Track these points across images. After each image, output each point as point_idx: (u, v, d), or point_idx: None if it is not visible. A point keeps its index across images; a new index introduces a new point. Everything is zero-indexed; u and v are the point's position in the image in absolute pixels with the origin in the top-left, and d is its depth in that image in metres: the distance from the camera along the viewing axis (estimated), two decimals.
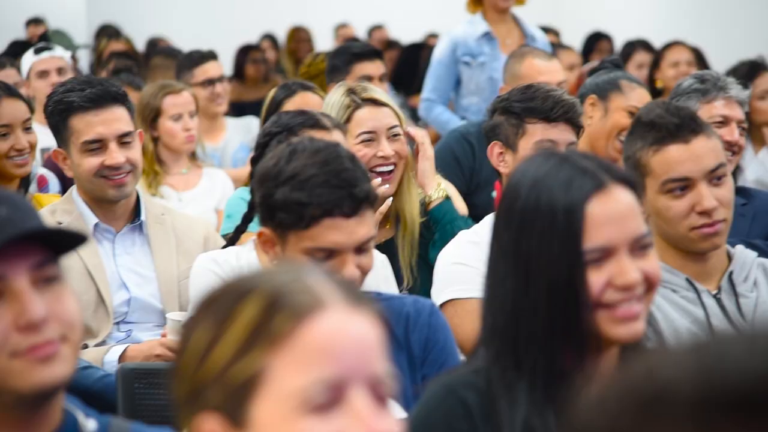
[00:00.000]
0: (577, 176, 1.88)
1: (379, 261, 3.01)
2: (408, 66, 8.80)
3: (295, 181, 2.31)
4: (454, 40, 5.76)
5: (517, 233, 1.89)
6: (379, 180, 3.36)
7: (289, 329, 1.33)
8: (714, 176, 2.61)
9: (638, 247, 1.88)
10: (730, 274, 2.66)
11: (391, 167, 3.45)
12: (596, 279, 1.86)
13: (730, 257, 2.68)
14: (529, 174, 1.92)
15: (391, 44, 10.30)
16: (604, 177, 1.88)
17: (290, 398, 1.31)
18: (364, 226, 2.34)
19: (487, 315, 1.93)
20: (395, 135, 3.46)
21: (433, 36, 9.76)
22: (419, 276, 3.43)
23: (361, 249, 2.35)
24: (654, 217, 2.64)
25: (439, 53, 5.81)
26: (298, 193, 2.31)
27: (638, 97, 4.32)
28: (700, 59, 7.33)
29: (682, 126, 2.60)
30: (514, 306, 1.89)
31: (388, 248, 3.43)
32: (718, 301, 2.64)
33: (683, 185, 2.60)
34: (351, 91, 3.47)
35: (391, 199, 3.41)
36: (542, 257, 1.86)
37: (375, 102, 3.46)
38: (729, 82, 3.74)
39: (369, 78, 4.93)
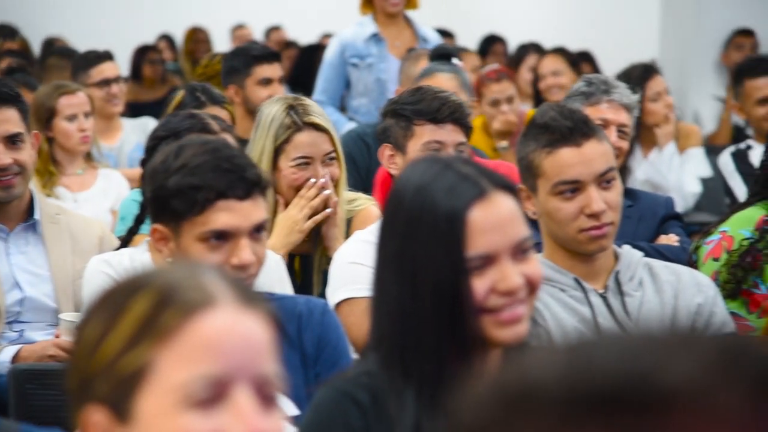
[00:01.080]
0: (459, 183, 1.91)
1: (274, 261, 3.02)
2: (305, 67, 8.82)
3: (186, 168, 2.33)
4: (342, 42, 5.79)
5: (401, 240, 1.92)
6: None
7: (177, 324, 1.34)
8: (604, 179, 2.64)
9: (519, 251, 1.92)
10: (617, 273, 2.69)
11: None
12: (480, 285, 1.89)
13: (616, 257, 2.72)
14: (412, 180, 1.95)
15: (288, 45, 10.31)
16: (484, 184, 1.91)
17: (173, 393, 1.32)
18: (258, 209, 2.36)
19: (374, 321, 1.96)
20: (331, 159, 3.46)
21: (329, 36, 9.79)
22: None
23: (255, 234, 2.36)
24: (544, 218, 2.67)
25: (328, 55, 5.83)
26: (189, 178, 2.32)
27: None
28: (589, 62, 7.45)
29: (575, 129, 2.63)
30: (399, 312, 1.91)
31: (307, 261, 3.47)
32: (605, 300, 2.67)
33: (573, 188, 2.63)
34: (292, 110, 3.44)
35: (330, 210, 3.44)
36: (426, 264, 1.89)
37: (316, 127, 3.44)
38: (615, 85, 3.81)
39: (268, 80, 4.94)
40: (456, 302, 1.88)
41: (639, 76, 5.56)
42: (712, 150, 5.98)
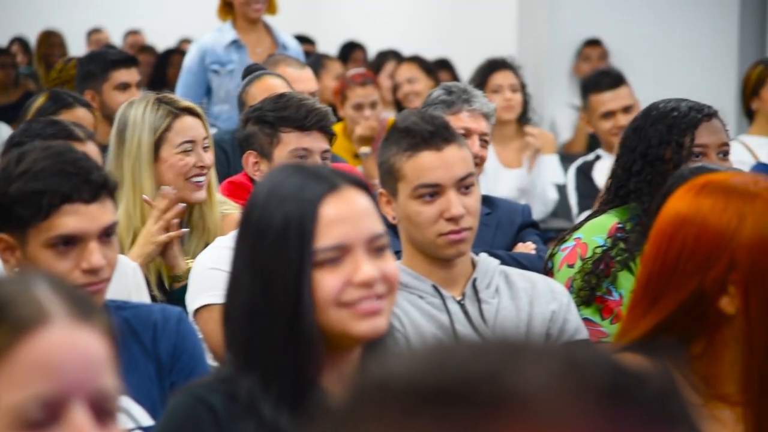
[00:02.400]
0: (310, 181, 1.93)
1: (131, 269, 2.98)
2: (163, 72, 8.74)
3: (28, 174, 2.28)
4: (202, 49, 5.74)
5: (254, 240, 1.93)
6: (183, 205, 3.37)
7: (8, 343, 1.31)
8: (463, 185, 2.68)
9: (374, 248, 1.93)
10: (474, 281, 2.72)
11: (203, 177, 3.46)
12: (334, 278, 1.90)
13: (474, 265, 2.75)
14: (265, 185, 1.96)
15: (145, 49, 10.20)
16: (337, 180, 1.93)
17: (5, 415, 1.29)
18: (106, 212, 2.32)
19: (227, 325, 1.95)
20: (206, 146, 3.49)
21: (187, 41, 9.72)
22: None
23: (105, 238, 2.32)
24: (405, 222, 2.70)
25: (188, 61, 5.78)
26: (33, 183, 2.27)
27: None
28: (447, 69, 7.52)
29: (436, 134, 2.66)
30: (251, 313, 1.91)
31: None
32: (462, 306, 2.70)
33: (433, 191, 2.66)
34: (161, 101, 3.44)
35: (186, 230, 3.41)
36: (277, 264, 1.90)
37: (191, 111, 3.47)
38: (475, 94, 3.84)
39: (126, 85, 4.88)
40: (307, 299, 1.89)
41: (483, 68, 5.66)
42: (568, 158, 6.09)
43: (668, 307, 2.02)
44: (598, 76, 5.44)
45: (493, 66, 5.74)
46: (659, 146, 3.16)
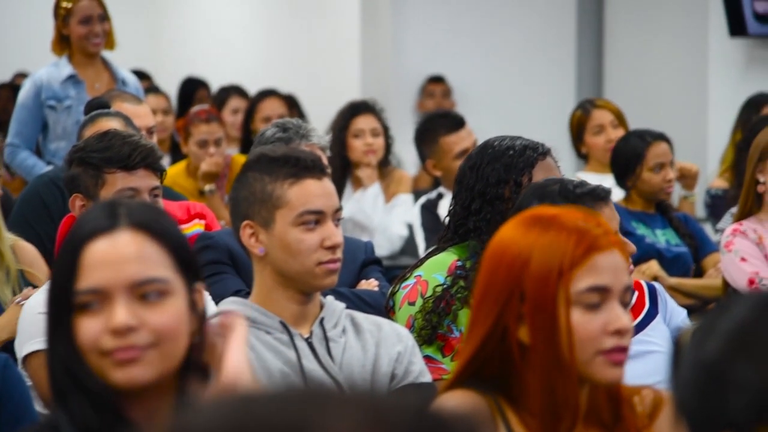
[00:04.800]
0: (90, 220, 1.88)
1: None
2: None
3: None
4: (37, 84, 5.61)
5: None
6: None
7: None
8: (336, 217, 2.71)
9: (140, 295, 1.85)
10: (322, 320, 2.73)
11: None
12: (92, 324, 1.84)
13: (321, 305, 2.76)
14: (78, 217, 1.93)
15: None
16: (118, 221, 1.87)
17: None
18: None
19: (48, 371, 1.89)
20: None
21: (22, 76, 9.52)
22: None
23: None
24: (278, 251, 2.67)
25: (23, 97, 5.65)
26: None
27: None
28: (293, 106, 7.52)
29: (316, 164, 2.69)
30: (55, 358, 1.87)
31: None
32: (310, 345, 2.71)
33: (317, 219, 2.67)
34: None
35: None
36: (50, 305, 1.87)
37: None
38: (310, 129, 3.84)
39: None
40: (69, 340, 1.84)
41: (345, 111, 5.67)
42: (415, 194, 6.13)
43: (476, 340, 2.04)
44: (442, 119, 5.48)
45: (355, 110, 5.76)
46: (498, 185, 3.19)
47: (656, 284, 3.12)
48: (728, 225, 4.44)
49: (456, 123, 5.39)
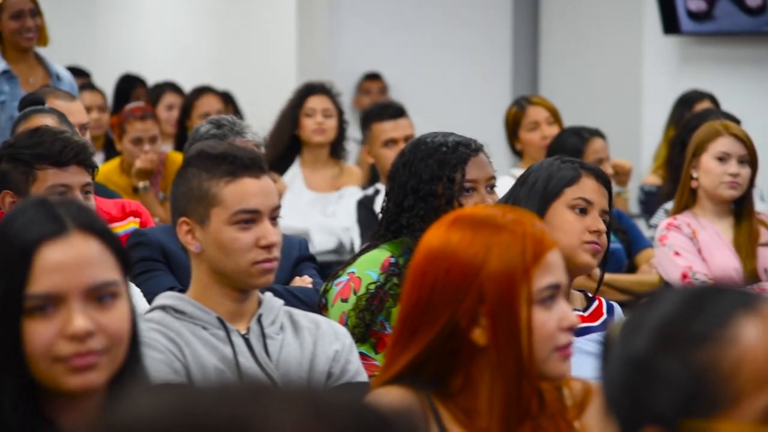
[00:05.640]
0: (38, 219, 1.85)
1: None
2: None
3: None
4: None
5: None
6: None
7: None
8: (273, 215, 2.69)
9: (96, 298, 1.84)
10: (259, 317, 2.72)
11: None
12: (45, 330, 1.81)
13: (259, 302, 2.75)
14: (7, 217, 1.89)
15: None
16: (66, 223, 1.84)
17: None
18: None
19: None
20: None
21: None
22: None
23: None
24: (214, 249, 2.65)
25: None
26: None
27: None
28: (229, 103, 7.49)
29: (254, 162, 2.67)
30: None
31: None
32: (247, 341, 2.69)
33: (252, 218, 2.65)
34: None
35: None
36: None
37: None
38: (244, 125, 3.83)
39: None
40: (13, 346, 1.81)
41: (300, 91, 5.71)
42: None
43: (424, 340, 2.04)
44: (380, 107, 5.52)
45: (310, 89, 5.79)
46: (431, 182, 3.20)
47: (614, 303, 3.16)
48: (661, 221, 4.48)
49: (392, 112, 5.42)
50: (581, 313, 3.07)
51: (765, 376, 1.31)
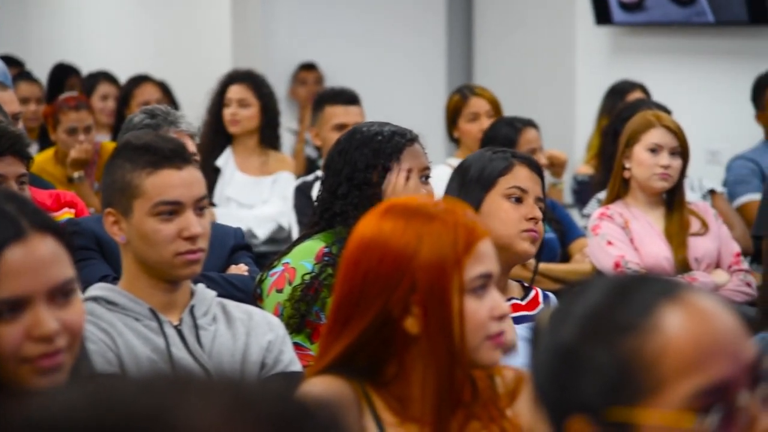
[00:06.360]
0: None
1: None
2: None
3: None
4: None
5: None
6: None
7: None
8: (198, 206, 2.68)
9: (59, 295, 1.85)
10: (192, 308, 2.73)
11: None
12: (13, 331, 1.81)
13: (192, 293, 2.76)
14: None
15: None
16: (24, 224, 1.84)
17: None
18: None
19: None
20: None
21: None
22: None
23: None
24: (137, 241, 2.66)
25: None
26: None
27: None
28: (166, 92, 7.45)
29: (176, 153, 2.66)
30: None
31: None
32: (179, 332, 2.70)
33: (173, 209, 2.64)
34: None
35: None
36: None
37: None
38: (178, 115, 3.82)
39: None
40: None
41: (222, 80, 5.69)
42: None
43: (357, 329, 2.05)
44: (335, 91, 5.54)
45: (231, 79, 5.79)
46: (366, 170, 3.21)
47: (549, 293, 3.19)
48: (594, 210, 4.52)
49: (346, 98, 5.45)
50: (519, 301, 3.09)
51: (687, 364, 1.33)
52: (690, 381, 1.32)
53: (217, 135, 5.73)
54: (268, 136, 5.80)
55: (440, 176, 4.76)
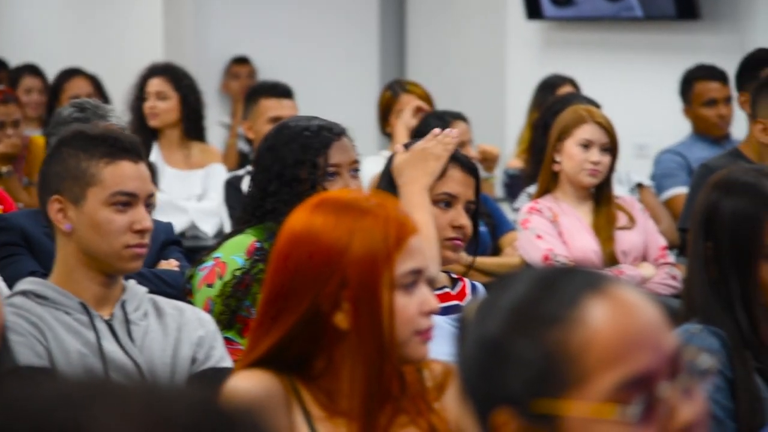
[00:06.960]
0: None
1: None
2: None
3: None
4: None
5: None
6: None
7: None
8: (147, 202, 2.71)
9: None
10: (123, 302, 2.73)
11: None
12: None
13: (123, 289, 2.76)
14: None
15: None
16: None
17: None
18: None
19: None
20: None
21: None
22: None
23: None
24: (85, 229, 2.66)
25: None
26: None
27: None
28: (97, 86, 7.39)
29: (134, 146, 2.70)
30: None
31: None
32: (110, 326, 2.70)
33: (128, 201, 2.67)
34: None
35: None
36: None
37: None
38: (108, 109, 3.80)
39: None
40: None
41: (143, 74, 5.66)
42: None
43: (287, 324, 2.05)
44: (270, 85, 5.55)
45: (150, 72, 5.76)
46: (294, 166, 3.20)
47: (478, 284, 3.20)
48: (525, 204, 4.55)
49: (281, 91, 5.46)
50: (450, 290, 3.10)
51: (611, 356, 1.34)
52: (614, 372, 1.34)
53: (142, 130, 5.69)
54: (190, 128, 5.76)
55: (373, 167, 4.77)
